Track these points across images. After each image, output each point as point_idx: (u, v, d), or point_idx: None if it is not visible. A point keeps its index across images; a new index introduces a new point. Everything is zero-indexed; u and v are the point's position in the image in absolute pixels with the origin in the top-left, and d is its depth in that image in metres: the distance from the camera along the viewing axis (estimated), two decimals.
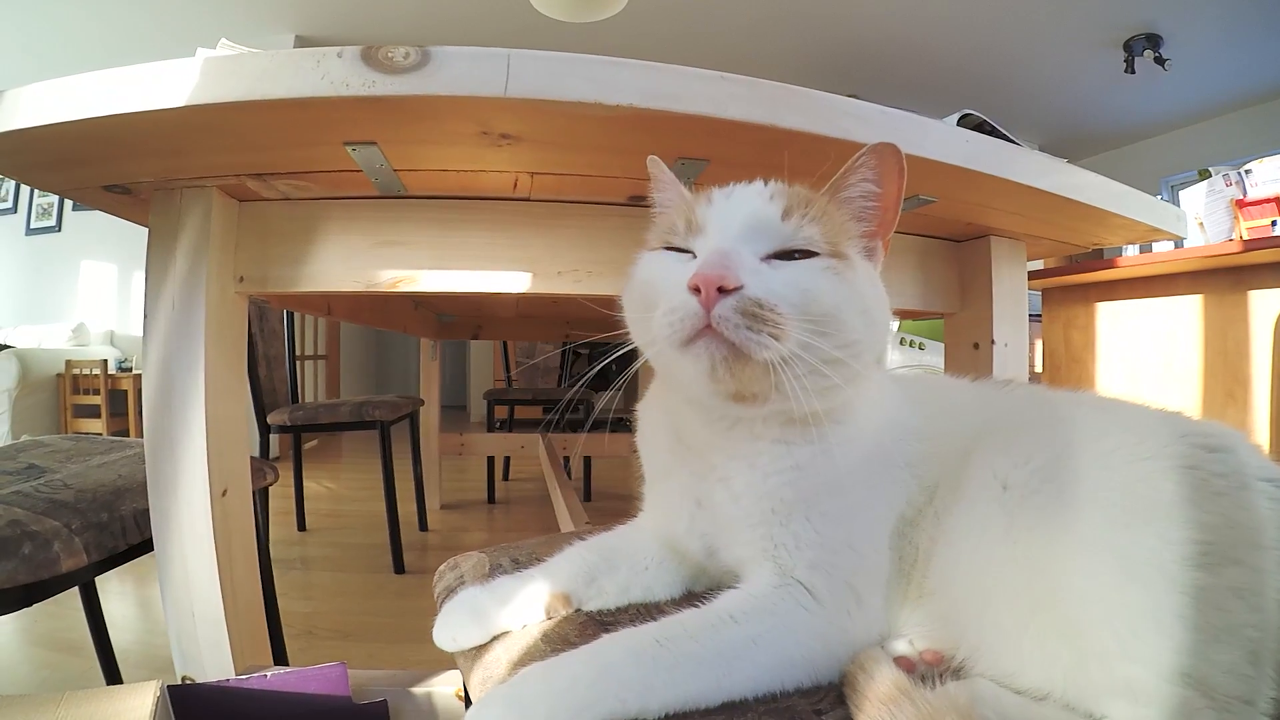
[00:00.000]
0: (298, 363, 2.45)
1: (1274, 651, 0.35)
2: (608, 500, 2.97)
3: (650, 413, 0.59)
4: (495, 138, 0.72)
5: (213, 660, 0.82)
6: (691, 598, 0.57)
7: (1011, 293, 1.22)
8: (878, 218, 0.51)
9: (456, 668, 1.07)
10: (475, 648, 0.51)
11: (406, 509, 2.06)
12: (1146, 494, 0.39)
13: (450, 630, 0.51)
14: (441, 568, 0.71)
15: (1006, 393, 0.60)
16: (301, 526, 2.43)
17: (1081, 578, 0.38)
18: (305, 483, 2.51)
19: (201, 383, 0.81)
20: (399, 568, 2.02)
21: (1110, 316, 2.54)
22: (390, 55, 0.58)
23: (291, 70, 0.57)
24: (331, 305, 1.44)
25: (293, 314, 2.28)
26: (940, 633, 0.46)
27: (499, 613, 0.51)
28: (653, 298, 0.47)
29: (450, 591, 0.63)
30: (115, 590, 1.84)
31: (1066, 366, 2.61)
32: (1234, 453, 0.41)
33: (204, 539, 0.81)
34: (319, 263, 0.89)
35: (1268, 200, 2.12)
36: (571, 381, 4.55)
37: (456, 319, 2.66)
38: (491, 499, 2.96)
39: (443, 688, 0.97)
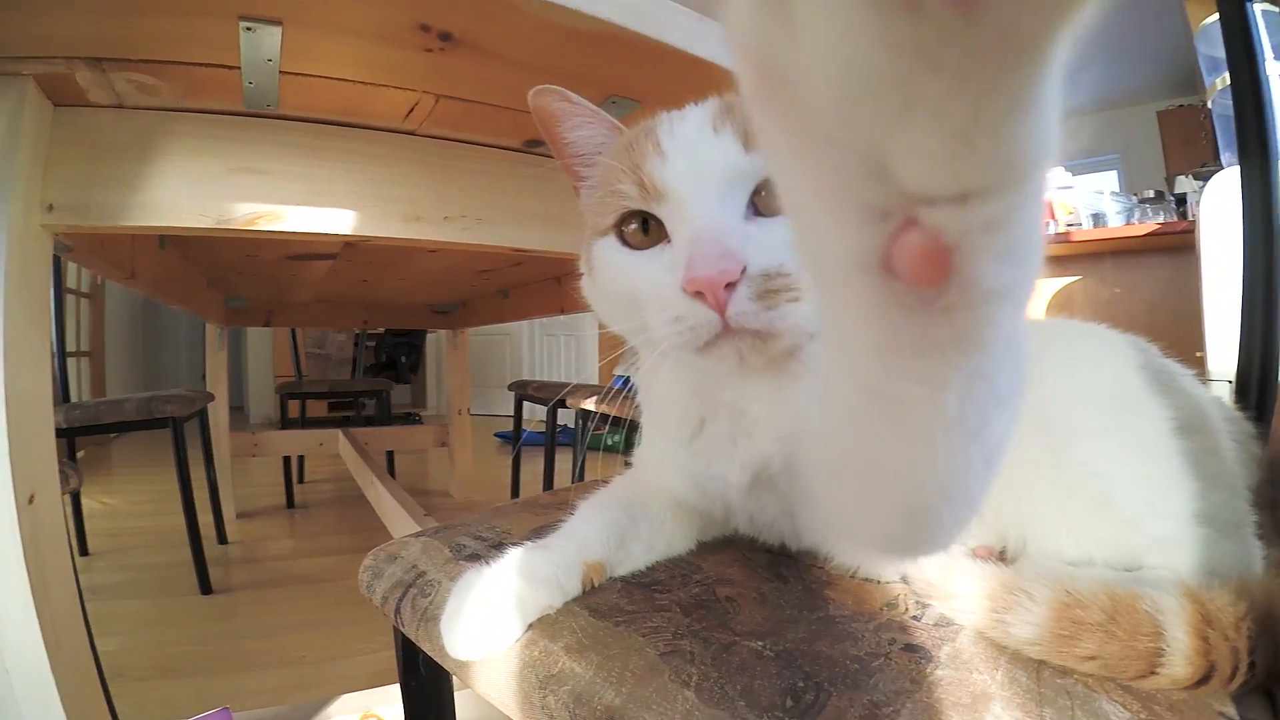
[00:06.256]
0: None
1: (1240, 490, 0.44)
2: (417, 496, 2.78)
3: (653, 377, 0.51)
4: (432, 37, 0.61)
5: None
6: (704, 548, 0.53)
7: None
8: None
9: (344, 691, 0.92)
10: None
11: (201, 520, 1.78)
12: (1126, 388, 0.46)
13: (474, 632, 0.39)
14: (370, 562, 0.58)
15: None
16: (84, 550, 1.98)
17: (1101, 462, 0.43)
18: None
19: None
20: (205, 588, 1.74)
21: None
22: None
23: None
24: (137, 266, 1.14)
25: (61, 304, 1.86)
26: (981, 529, 0.48)
27: (534, 595, 0.40)
28: (634, 300, 0.43)
29: (408, 587, 0.52)
30: None
31: None
32: (1156, 354, 0.51)
33: (11, 562, 0.59)
34: (158, 189, 0.69)
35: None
36: (367, 372, 4.38)
37: (247, 304, 2.40)
38: (290, 503, 2.66)
39: (344, 717, 0.82)
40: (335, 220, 0.79)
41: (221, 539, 2.15)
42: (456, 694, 0.63)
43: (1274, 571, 0.39)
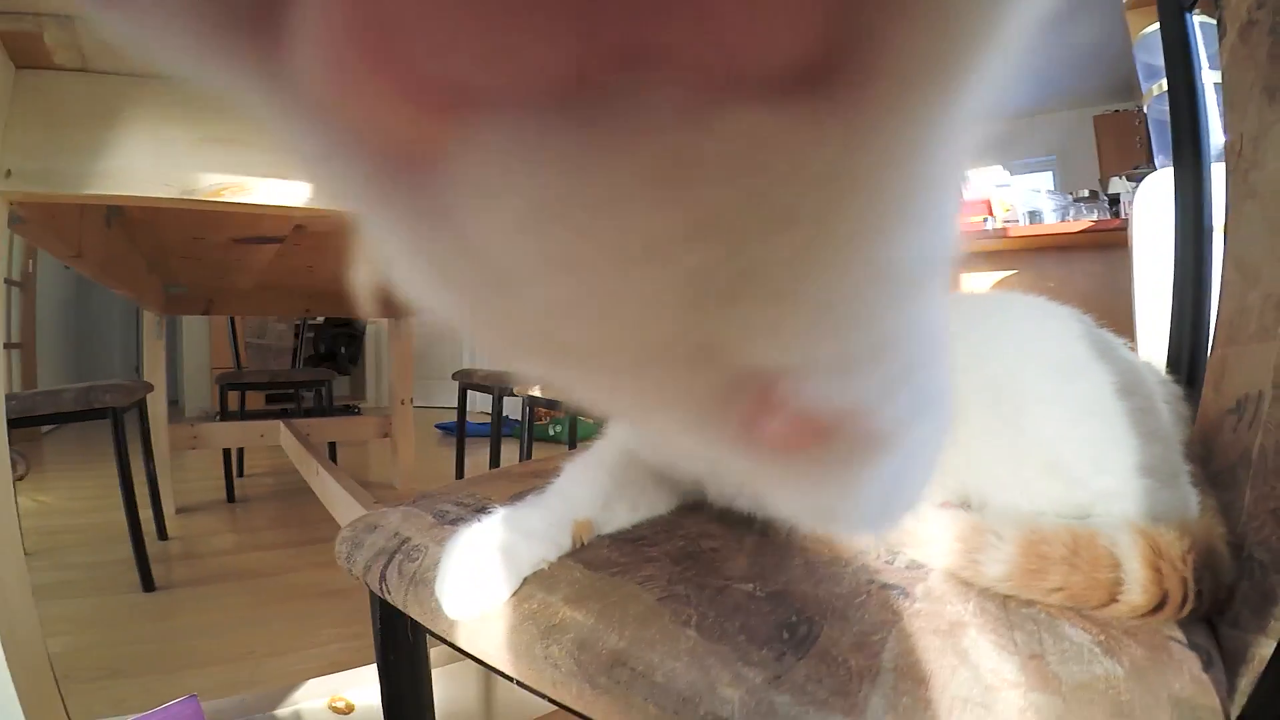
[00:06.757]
0: None
1: (1175, 444, 0.48)
2: (364, 488, 2.73)
3: None
4: None
5: None
6: (683, 509, 0.54)
7: None
8: None
9: (303, 679, 0.90)
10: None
11: (141, 515, 1.71)
12: (1069, 354, 0.50)
13: (471, 589, 0.40)
14: (349, 534, 0.58)
15: None
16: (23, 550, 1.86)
17: (1050, 427, 0.46)
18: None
19: None
20: (148, 585, 1.68)
21: None
22: None
23: None
24: (84, 245, 1.09)
25: None
26: (944, 490, 0.50)
27: (529, 549, 0.42)
28: None
29: (393, 553, 0.52)
30: None
31: None
32: (1093, 324, 0.55)
33: None
34: (122, 157, 0.67)
35: (980, 202, 2.66)
36: (307, 362, 4.37)
37: (187, 290, 2.30)
38: (231, 497, 2.58)
39: (311, 702, 0.80)
40: (302, 193, 0.78)
41: (162, 535, 2.06)
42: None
43: (1209, 514, 0.43)
